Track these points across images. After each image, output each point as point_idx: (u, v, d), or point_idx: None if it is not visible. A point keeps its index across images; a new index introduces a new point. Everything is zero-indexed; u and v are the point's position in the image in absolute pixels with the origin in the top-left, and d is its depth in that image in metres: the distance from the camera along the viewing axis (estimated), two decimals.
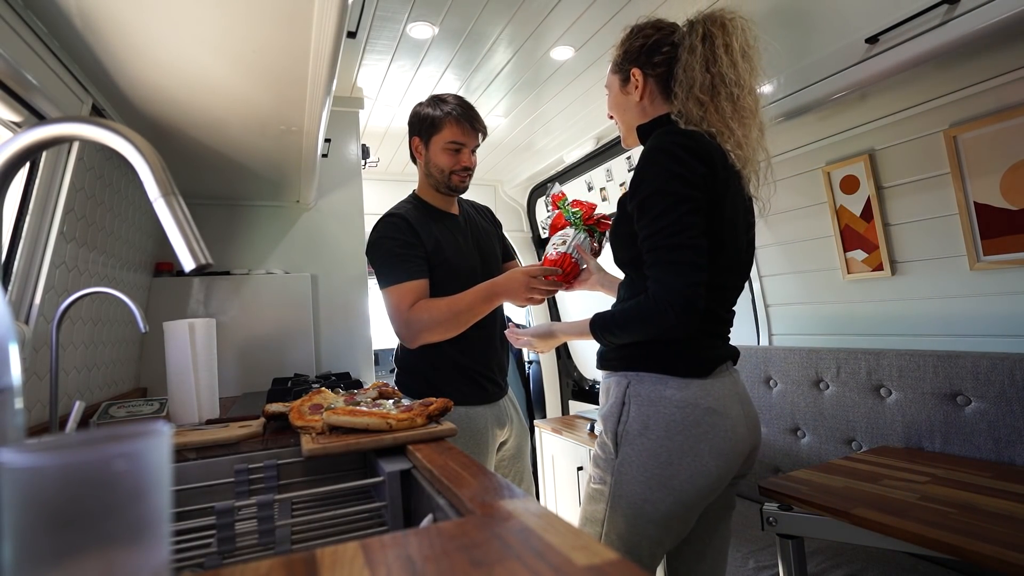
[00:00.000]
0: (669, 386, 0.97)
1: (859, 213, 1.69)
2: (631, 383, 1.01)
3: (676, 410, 0.96)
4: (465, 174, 1.43)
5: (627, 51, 1.10)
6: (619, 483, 0.98)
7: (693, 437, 0.95)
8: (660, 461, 0.95)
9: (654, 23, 1.09)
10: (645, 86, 1.08)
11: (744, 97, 0.99)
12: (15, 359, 0.42)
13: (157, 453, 0.31)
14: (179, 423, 1.23)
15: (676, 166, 0.94)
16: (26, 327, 1.07)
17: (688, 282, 0.91)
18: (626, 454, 0.98)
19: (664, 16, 1.12)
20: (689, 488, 0.94)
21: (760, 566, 1.46)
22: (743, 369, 1.97)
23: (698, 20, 1.02)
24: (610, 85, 1.15)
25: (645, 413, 0.98)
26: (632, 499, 0.96)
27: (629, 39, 1.11)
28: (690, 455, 0.94)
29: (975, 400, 1.35)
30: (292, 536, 0.75)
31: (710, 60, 0.99)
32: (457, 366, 1.37)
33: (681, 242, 0.92)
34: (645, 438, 0.97)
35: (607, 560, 0.38)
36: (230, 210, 2.14)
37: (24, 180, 1.08)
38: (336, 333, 2.23)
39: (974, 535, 0.87)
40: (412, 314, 1.28)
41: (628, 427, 0.99)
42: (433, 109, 1.41)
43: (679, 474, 0.94)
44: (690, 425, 0.95)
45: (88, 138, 0.49)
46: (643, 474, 0.96)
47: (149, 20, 0.89)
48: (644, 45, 1.07)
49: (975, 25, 1.05)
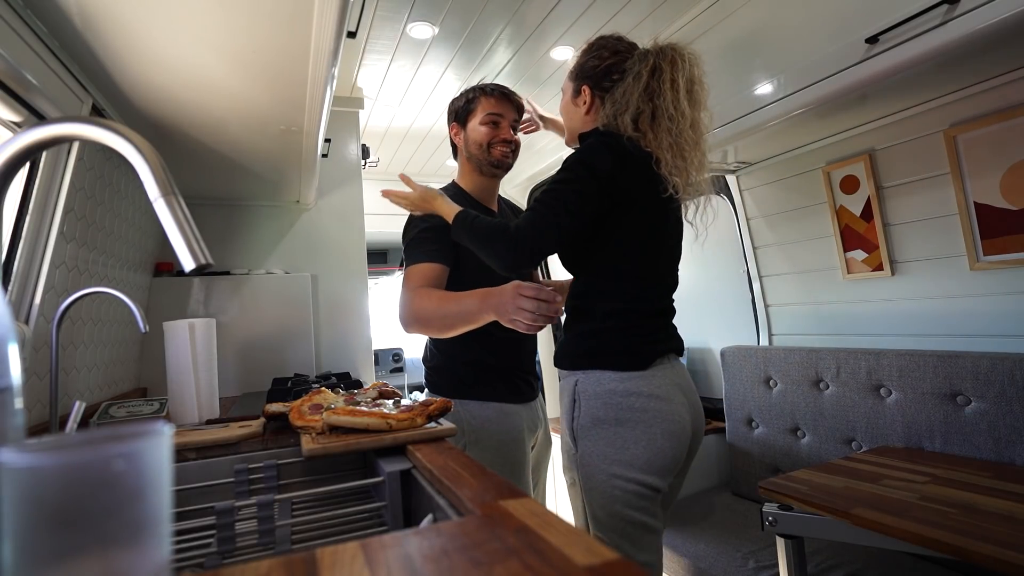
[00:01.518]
0: (612, 380, 1.06)
1: (859, 213, 1.69)
2: (579, 381, 1.10)
3: (621, 399, 1.05)
4: (507, 148, 1.34)
5: (582, 67, 1.20)
6: (586, 476, 1.07)
7: (643, 423, 1.03)
8: (617, 447, 1.03)
9: (612, 45, 1.18)
10: (592, 103, 1.19)
11: (685, 130, 1.08)
12: (15, 359, 0.42)
13: (157, 453, 0.31)
14: (179, 423, 1.23)
15: (589, 156, 1.07)
16: (26, 327, 1.07)
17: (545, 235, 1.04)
18: (584, 447, 1.07)
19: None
20: (648, 468, 1.02)
21: (760, 566, 1.46)
22: (743, 368, 1.97)
23: (651, 51, 1.12)
24: (565, 90, 1.26)
25: (593, 406, 1.06)
26: (599, 486, 1.04)
27: (587, 55, 1.20)
28: (644, 439, 1.03)
29: (975, 400, 1.35)
30: (292, 536, 0.75)
31: (655, 92, 1.08)
32: (489, 365, 1.32)
33: (563, 204, 1.04)
34: (598, 429, 1.06)
35: (607, 560, 0.38)
36: (230, 210, 2.14)
37: (24, 180, 1.08)
38: (336, 333, 2.23)
39: (974, 535, 0.87)
40: (410, 297, 1.22)
41: (581, 422, 1.08)
42: (466, 94, 1.39)
43: (637, 457, 1.02)
44: (637, 412, 1.04)
45: (88, 138, 0.49)
46: (604, 461, 1.04)
47: (149, 20, 0.89)
48: (598, 67, 1.17)
49: (975, 25, 1.05)
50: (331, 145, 2.21)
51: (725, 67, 1.65)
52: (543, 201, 1.07)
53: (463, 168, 1.43)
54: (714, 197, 2.23)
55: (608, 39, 1.19)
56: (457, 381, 1.32)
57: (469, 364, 1.32)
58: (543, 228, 1.05)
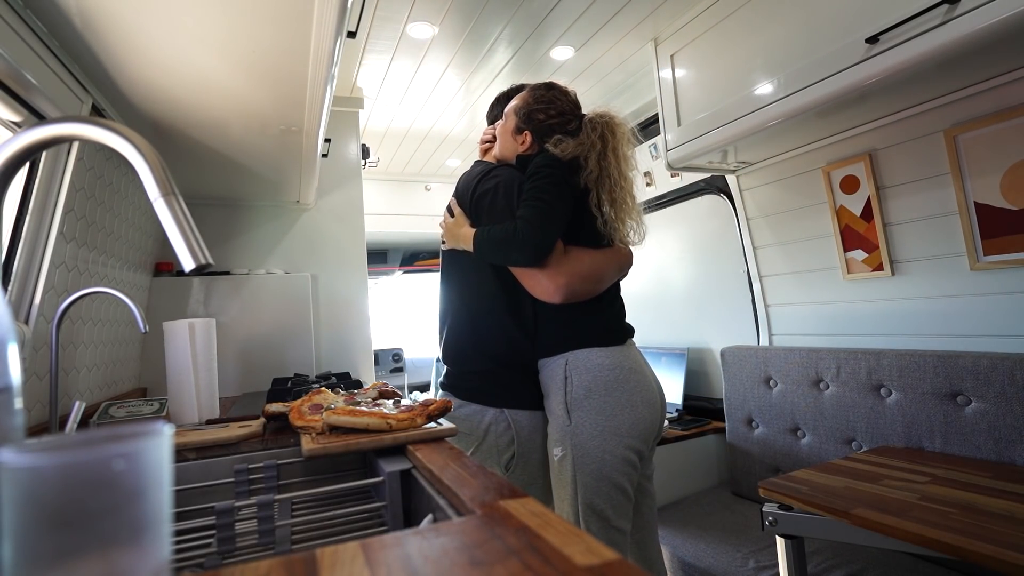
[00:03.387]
0: (599, 355, 1.20)
1: (859, 213, 1.69)
2: (568, 360, 1.20)
3: (608, 372, 1.18)
4: None
5: (528, 116, 1.32)
6: (577, 444, 1.16)
7: (627, 392, 1.18)
8: (606, 415, 1.16)
9: (559, 109, 1.31)
10: (531, 145, 1.33)
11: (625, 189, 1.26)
12: (15, 359, 0.42)
13: (157, 453, 0.31)
14: (179, 423, 1.23)
15: (553, 161, 1.22)
16: (26, 327, 1.07)
17: (549, 235, 1.15)
18: (578, 418, 1.17)
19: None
20: (633, 433, 1.17)
21: (760, 566, 1.46)
22: (743, 368, 1.97)
23: (597, 121, 1.27)
24: (507, 116, 1.37)
25: (585, 380, 1.18)
26: (592, 453, 1.15)
27: (535, 105, 1.32)
28: (628, 407, 1.17)
29: (975, 400, 1.35)
30: (292, 536, 0.75)
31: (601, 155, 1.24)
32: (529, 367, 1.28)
33: (555, 204, 1.17)
34: (590, 400, 1.17)
35: (607, 560, 0.38)
36: (230, 210, 2.14)
37: (24, 180, 1.08)
38: (336, 333, 2.23)
39: (974, 535, 0.87)
40: (585, 257, 1.27)
41: (574, 395, 1.18)
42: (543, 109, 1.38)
43: (623, 423, 1.16)
44: (622, 382, 1.18)
45: (88, 138, 0.49)
46: (595, 429, 1.16)
47: (149, 20, 0.89)
48: (543, 122, 1.31)
49: (975, 25, 1.05)
50: (331, 145, 2.21)
51: (725, 67, 1.65)
52: (539, 197, 1.17)
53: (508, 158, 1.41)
54: (713, 196, 2.23)
55: (550, 103, 1.32)
56: (502, 387, 1.25)
57: (514, 367, 1.26)
58: (542, 223, 1.15)
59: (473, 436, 1.22)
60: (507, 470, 1.22)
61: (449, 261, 1.36)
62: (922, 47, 1.14)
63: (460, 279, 1.32)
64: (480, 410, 1.24)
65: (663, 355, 2.42)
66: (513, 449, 1.23)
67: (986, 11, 1.03)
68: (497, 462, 1.22)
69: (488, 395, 1.25)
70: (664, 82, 1.90)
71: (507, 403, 1.24)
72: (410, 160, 3.15)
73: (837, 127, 1.65)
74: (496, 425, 1.22)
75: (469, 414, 1.24)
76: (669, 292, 2.59)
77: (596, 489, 1.14)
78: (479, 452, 1.22)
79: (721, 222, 2.24)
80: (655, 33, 1.89)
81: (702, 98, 1.74)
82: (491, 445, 1.22)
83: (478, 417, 1.23)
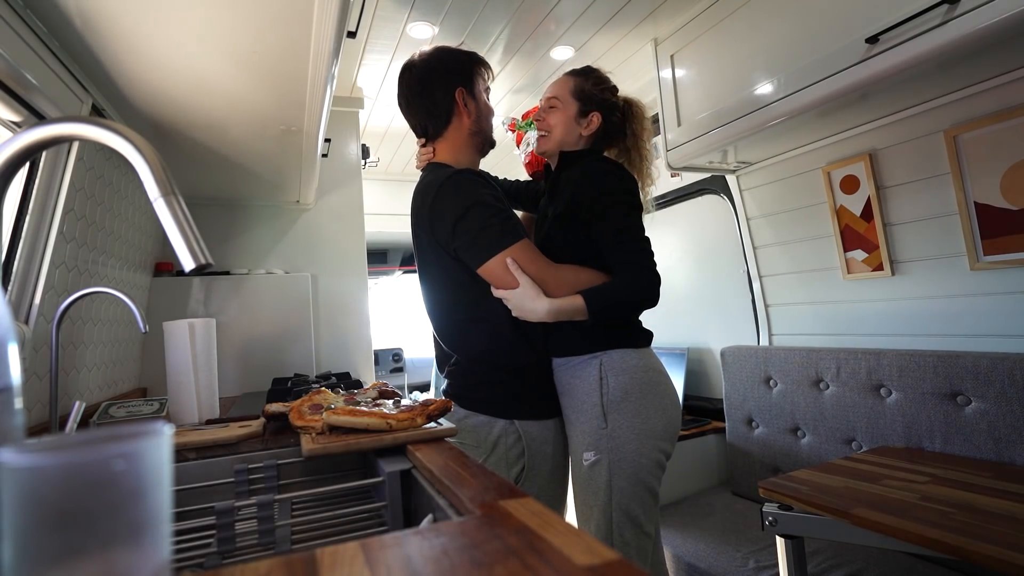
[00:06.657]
0: (632, 356, 1.17)
1: (859, 213, 1.69)
2: (602, 361, 1.16)
3: (643, 374, 1.15)
4: None
5: (592, 95, 1.28)
6: (614, 448, 1.12)
7: (659, 394, 1.15)
8: (642, 418, 1.13)
9: (610, 85, 1.32)
10: (597, 130, 1.28)
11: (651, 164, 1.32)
12: (15, 359, 0.42)
13: (157, 453, 0.31)
14: (179, 423, 1.23)
15: (630, 183, 1.20)
16: (26, 327, 1.07)
17: (654, 278, 1.14)
18: (615, 420, 1.13)
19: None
20: (666, 436, 1.14)
21: (760, 566, 1.46)
22: (743, 368, 1.97)
23: (625, 102, 1.31)
24: (563, 102, 1.29)
25: (622, 381, 1.14)
26: (629, 457, 1.11)
27: (599, 86, 1.30)
28: (660, 409, 1.14)
29: (975, 400, 1.35)
30: (292, 536, 0.75)
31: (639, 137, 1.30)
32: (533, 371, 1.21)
33: (645, 245, 1.16)
34: (628, 402, 1.13)
35: (607, 560, 0.38)
36: (230, 210, 2.14)
37: (24, 180, 1.08)
38: (336, 333, 2.23)
39: (974, 535, 0.87)
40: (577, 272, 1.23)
41: (611, 397, 1.14)
42: (466, 55, 1.23)
43: (657, 426, 1.13)
44: (655, 384, 1.16)
45: (88, 138, 0.49)
46: (632, 432, 1.12)
47: (149, 20, 0.89)
48: (607, 101, 1.29)
49: (975, 25, 1.05)
50: (331, 145, 2.21)
51: (725, 67, 1.65)
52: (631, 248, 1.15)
53: (464, 143, 1.23)
54: (714, 196, 2.23)
55: (603, 74, 1.32)
56: (511, 397, 1.18)
57: (519, 373, 1.19)
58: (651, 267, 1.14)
59: (481, 448, 1.15)
60: (515, 483, 1.16)
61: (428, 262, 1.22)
62: (922, 47, 1.14)
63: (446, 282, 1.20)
64: (489, 421, 1.16)
65: (663, 355, 2.42)
66: (523, 462, 1.16)
67: (986, 11, 1.03)
68: (506, 475, 1.15)
69: (497, 406, 1.17)
70: (664, 82, 1.90)
71: (518, 414, 1.17)
72: (410, 160, 3.15)
73: (837, 127, 1.65)
74: (506, 437, 1.15)
75: (477, 425, 1.16)
76: (669, 292, 2.57)
77: (632, 494, 1.10)
78: (487, 465, 1.15)
79: (721, 222, 2.24)
80: (655, 33, 1.89)
81: (702, 98, 1.74)
82: (500, 458, 1.15)
83: (486, 429, 1.15)
